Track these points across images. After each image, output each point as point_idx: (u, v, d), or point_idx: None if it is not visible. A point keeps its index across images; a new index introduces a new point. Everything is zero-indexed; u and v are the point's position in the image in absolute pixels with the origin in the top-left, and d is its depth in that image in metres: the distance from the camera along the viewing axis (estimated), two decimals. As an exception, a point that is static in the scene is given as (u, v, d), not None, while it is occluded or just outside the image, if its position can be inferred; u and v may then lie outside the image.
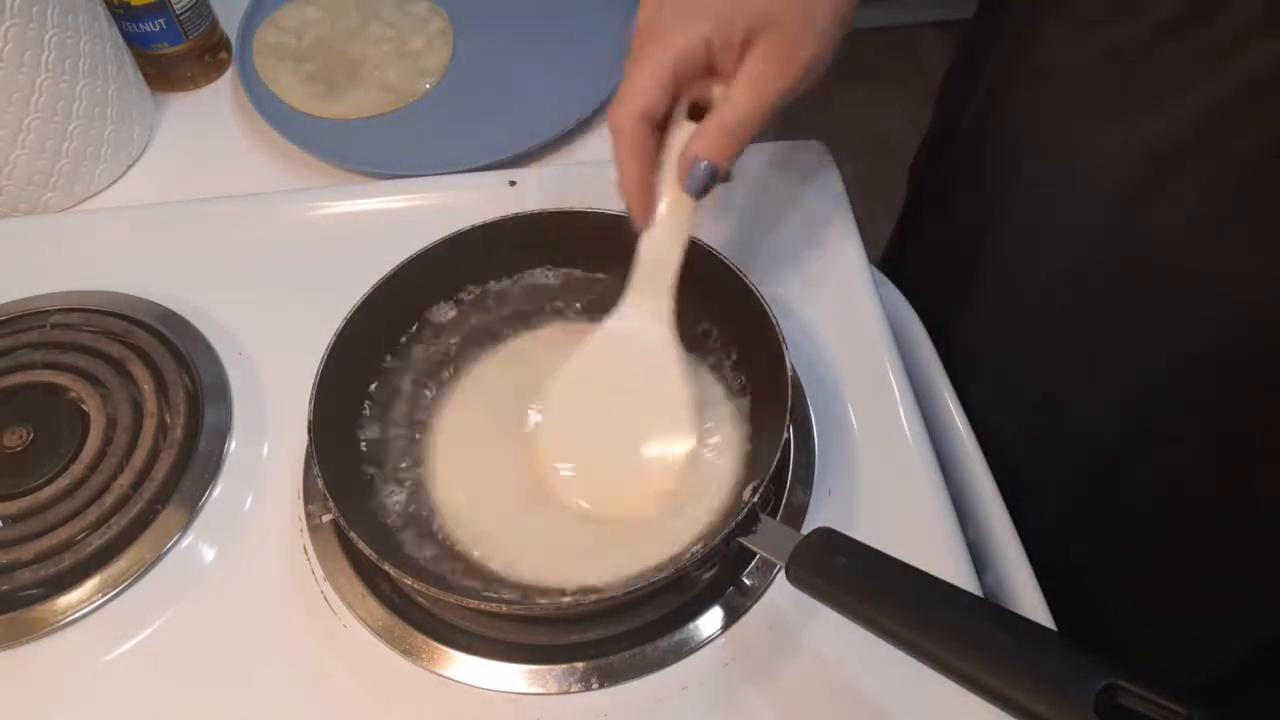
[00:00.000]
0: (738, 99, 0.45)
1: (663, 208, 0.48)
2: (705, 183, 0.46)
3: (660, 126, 0.47)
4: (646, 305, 0.50)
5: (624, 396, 0.51)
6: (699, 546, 0.46)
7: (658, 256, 0.49)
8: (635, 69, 0.46)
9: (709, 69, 0.46)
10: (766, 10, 0.44)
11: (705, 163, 0.45)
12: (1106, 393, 0.58)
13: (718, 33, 0.45)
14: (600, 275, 0.57)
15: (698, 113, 0.47)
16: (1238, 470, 0.55)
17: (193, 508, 0.51)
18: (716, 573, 0.48)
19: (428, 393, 0.54)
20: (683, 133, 0.47)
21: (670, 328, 0.50)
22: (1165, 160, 0.48)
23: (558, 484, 0.50)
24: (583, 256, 0.57)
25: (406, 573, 0.43)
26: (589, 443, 0.51)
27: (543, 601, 0.45)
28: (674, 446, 0.50)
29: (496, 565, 0.48)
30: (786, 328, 0.48)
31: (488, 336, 0.56)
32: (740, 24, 0.45)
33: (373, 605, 0.47)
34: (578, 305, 0.57)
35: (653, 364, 0.50)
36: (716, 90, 0.47)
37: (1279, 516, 0.55)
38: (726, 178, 0.48)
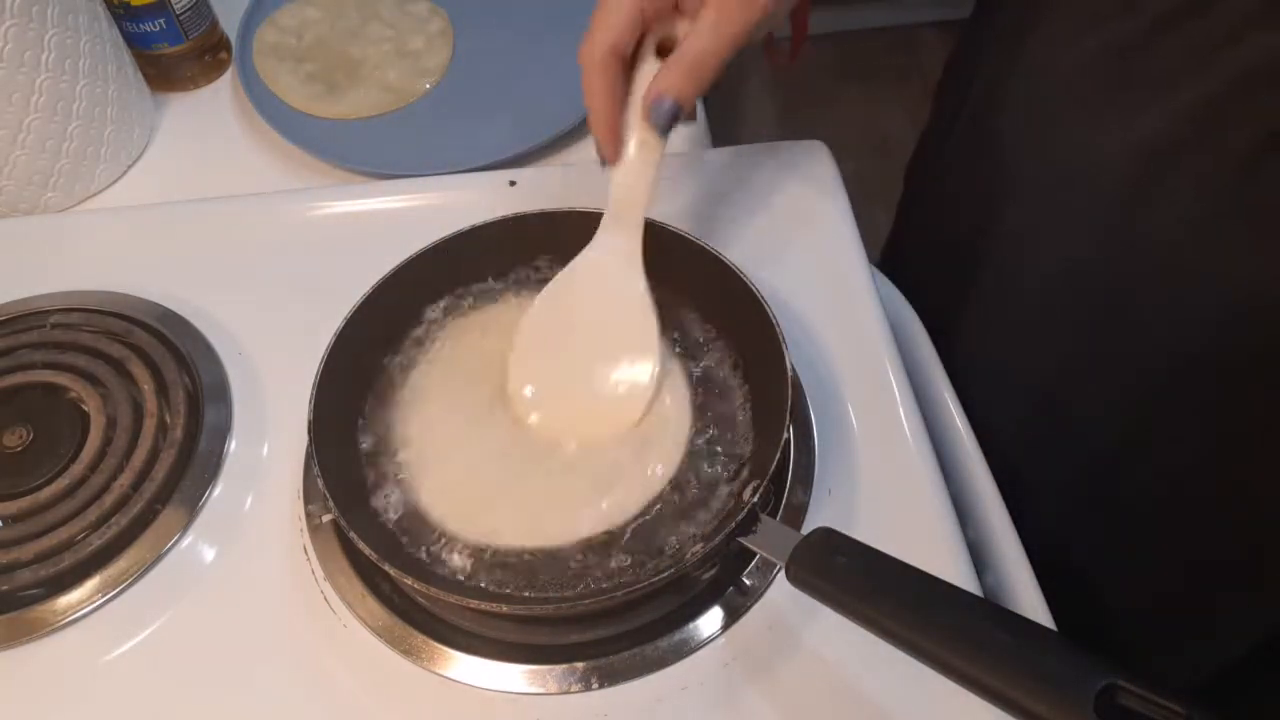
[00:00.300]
0: (701, 35, 0.46)
1: (631, 145, 0.49)
2: (669, 118, 0.47)
3: (629, 64, 0.48)
4: (616, 242, 0.51)
5: (592, 329, 0.52)
6: (699, 546, 0.46)
7: (627, 195, 0.50)
8: (605, 5, 0.47)
9: (676, 6, 0.47)
10: None
11: (670, 99, 0.46)
12: (1106, 392, 0.58)
13: None
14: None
15: (665, 52, 0.48)
16: (1238, 470, 0.54)
17: (193, 508, 0.51)
18: (716, 573, 0.48)
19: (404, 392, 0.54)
20: (650, 70, 0.48)
21: (639, 264, 0.51)
22: (1162, 157, 0.48)
23: (526, 407, 0.51)
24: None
25: (406, 573, 0.43)
26: (557, 370, 0.52)
27: (543, 601, 0.46)
28: (640, 375, 0.51)
29: (476, 534, 0.48)
30: (786, 328, 0.48)
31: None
32: None
33: (373, 605, 0.47)
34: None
35: (621, 298, 0.51)
36: (681, 27, 0.48)
37: (1279, 516, 0.55)
38: (691, 117, 0.48)
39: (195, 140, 0.73)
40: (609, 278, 0.52)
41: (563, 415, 0.52)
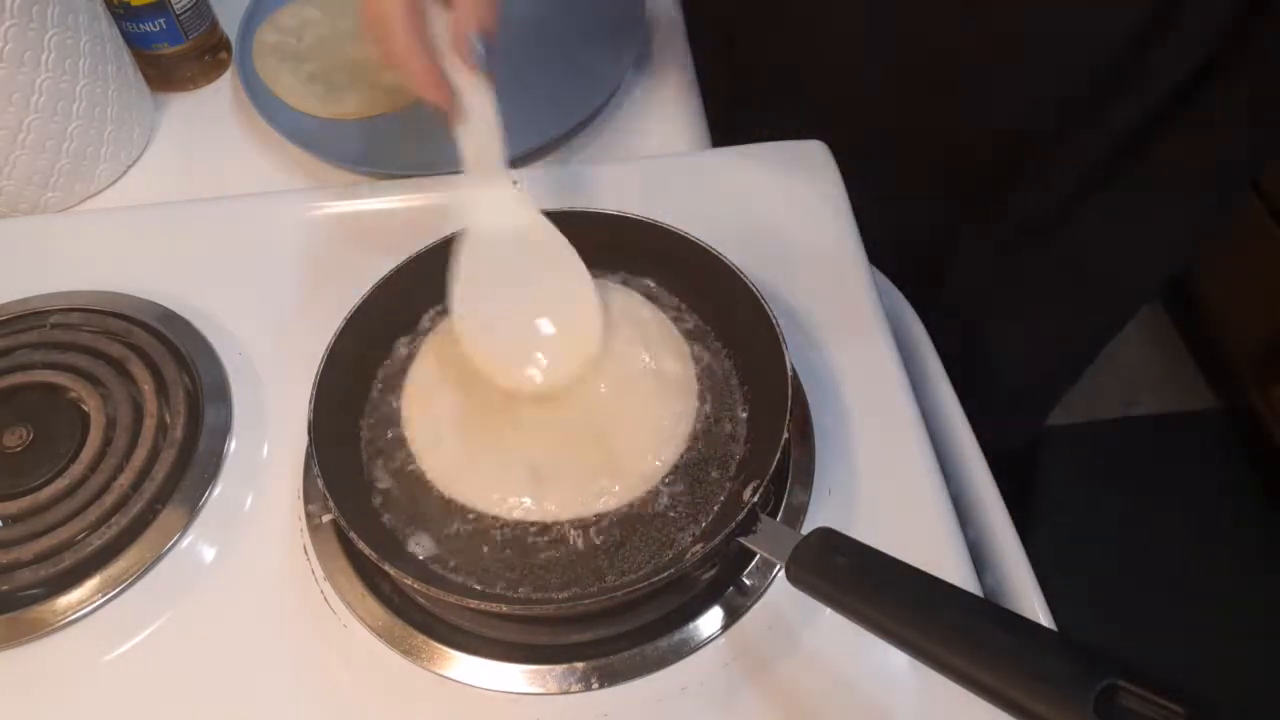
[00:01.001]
0: None
1: (465, 93, 0.49)
2: (485, 50, 0.47)
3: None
4: (492, 192, 0.52)
5: (522, 279, 0.53)
6: (699, 546, 0.46)
7: (482, 144, 0.50)
8: None
9: None
10: None
11: (478, 29, 0.47)
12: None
13: None
14: (600, 275, 0.57)
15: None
16: None
17: (193, 508, 0.51)
18: (716, 573, 0.48)
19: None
20: (442, 20, 0.48)
21: (526, 201, 0.52)
22: None
23: (494, 371, 0.52)
24: (583, 256, 0.57)
25: (406, 573, 0.43)
26: (504, 324, 0.52)
27: (542, 600, 0.46)
28: (583, 303, 0.52)
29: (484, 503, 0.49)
30: (786, 328, 0.48)
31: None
32: None
33: (373, 605, 0.47)
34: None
35: (530, 239, 0.52)
36: None
37: None
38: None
39: (195, 140, 0.73)
40: (507, 225, 0.52)
41: (523, 367, 0.52)
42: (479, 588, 0.46)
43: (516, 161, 0.68)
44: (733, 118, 0.74)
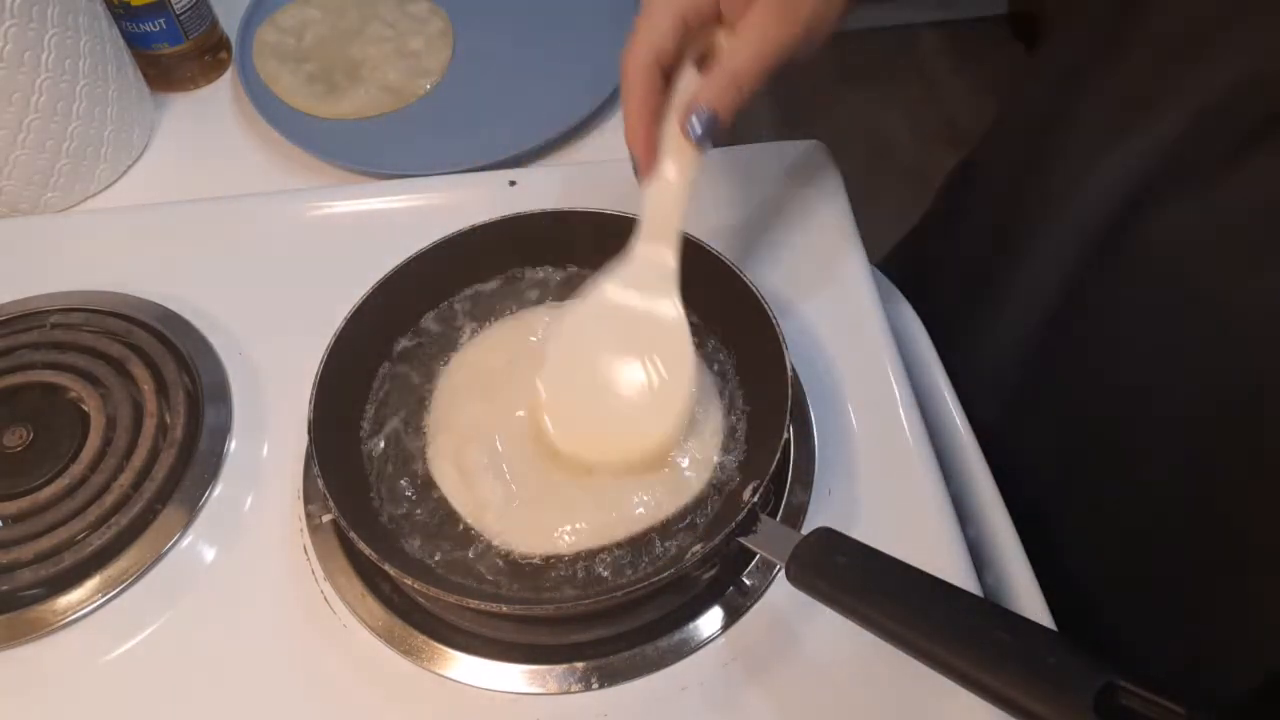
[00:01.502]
0: (740, 47, 0.45)
1: (666, 160, 0.48)
2: (706, 130, 0.46)
3: (669, 76, 0.48)
4: (651, 259, 0.50)
5: (624, 349, 0.51)
6: (699, 546, 0.46)
7: (661, 210, 0.49)
8: (646, 16, 0.46)
9: (718, 17, 0.47)
10: None
11: (707, 110, 0.45)
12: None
13: None
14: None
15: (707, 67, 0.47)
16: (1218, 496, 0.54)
17: (193, 508, 0.51)
18: (716, 573, 0.48)
19: (427, 388, 0.54)
20: (688, 83, 0.48)
21: (674, 283, 0.50)
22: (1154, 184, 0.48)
23: (556, 433, 0.50)
24: (583, 256, 0.57)
25: (406, 573, 0.43)
26: (588, 393, 0.51)
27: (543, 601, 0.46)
28: (671, 402, 0.49)
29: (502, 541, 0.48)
30: (786, 328, 0.48)
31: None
32: None
33: (373, 605, 0.47)
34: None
35: (655, 320, 0.50)
36: (722, 38, 0.47)
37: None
38: (729, 131, 0.48)
39: (195, 140, 0.73)
40: (643, 296, 0.50)
41: (591, 442, 0.50)
42: (479, 588, 0.46)
43: (517, 161, 0.68)
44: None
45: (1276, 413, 0.49)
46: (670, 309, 0.50)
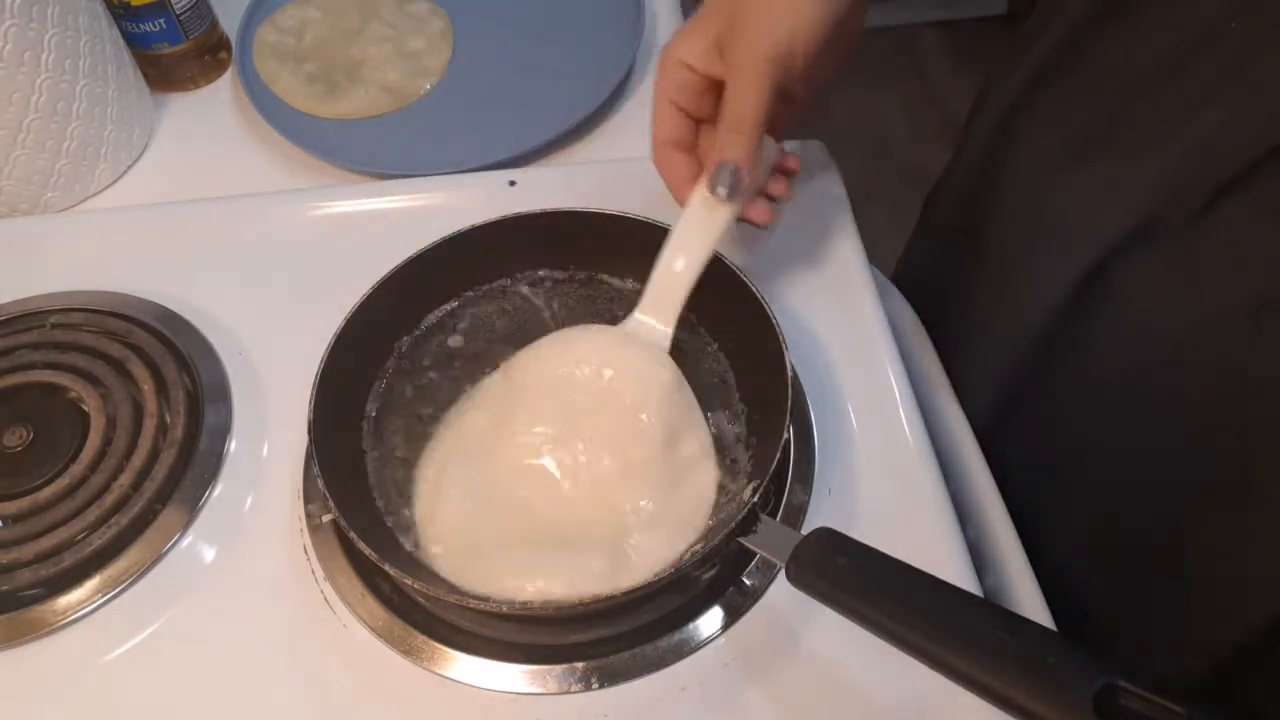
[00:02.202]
0: (729, 100, 0.47)
1: (693, 212, 0.49)
2: (729, 185, 0.47)
3: (694, 146, 0.51)
4: (647, 327, 0.51)
5: (605, 408, 0.50)
6: (699, 546, 0.46)
7: (672, 277, 0.50)
8: (654, 113, 0.50)
9: (709, 85, 0.49)
10: (735, 6, 0.47)
11: (726, 164, 0.47)
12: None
13: (700, 44, 0.48)
14: (601, 275, 0.57)
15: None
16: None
17: (193, 508, 0.51)
18: (716, 573, 0.48)
19: (426, 403, 0.54)
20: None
21: (664, 351, 0.50)
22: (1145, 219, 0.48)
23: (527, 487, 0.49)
24: (583, 257, 0.57)
25: (406, 573, 0.43)
26: (563, 448, 0.50)
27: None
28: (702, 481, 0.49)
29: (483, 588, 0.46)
30: (786, 328, 0.48)
31: (491, 337, 0.56)
32: (713, 29, 0.47)
33: (373, 605, 0.47)
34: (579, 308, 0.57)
35: (644, 386, 0.50)
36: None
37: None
38: (755, 186, 0.50)
39: (195, 140, 0.73)
40: (630, 364, 0.50)
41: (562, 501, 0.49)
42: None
43: (517, 161, 0.68)
44: None
45: (1266, 412, 0.49)
46: (664, 379, 0.50)
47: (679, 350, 0.54)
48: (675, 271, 0.50)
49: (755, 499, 0.44)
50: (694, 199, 0.49)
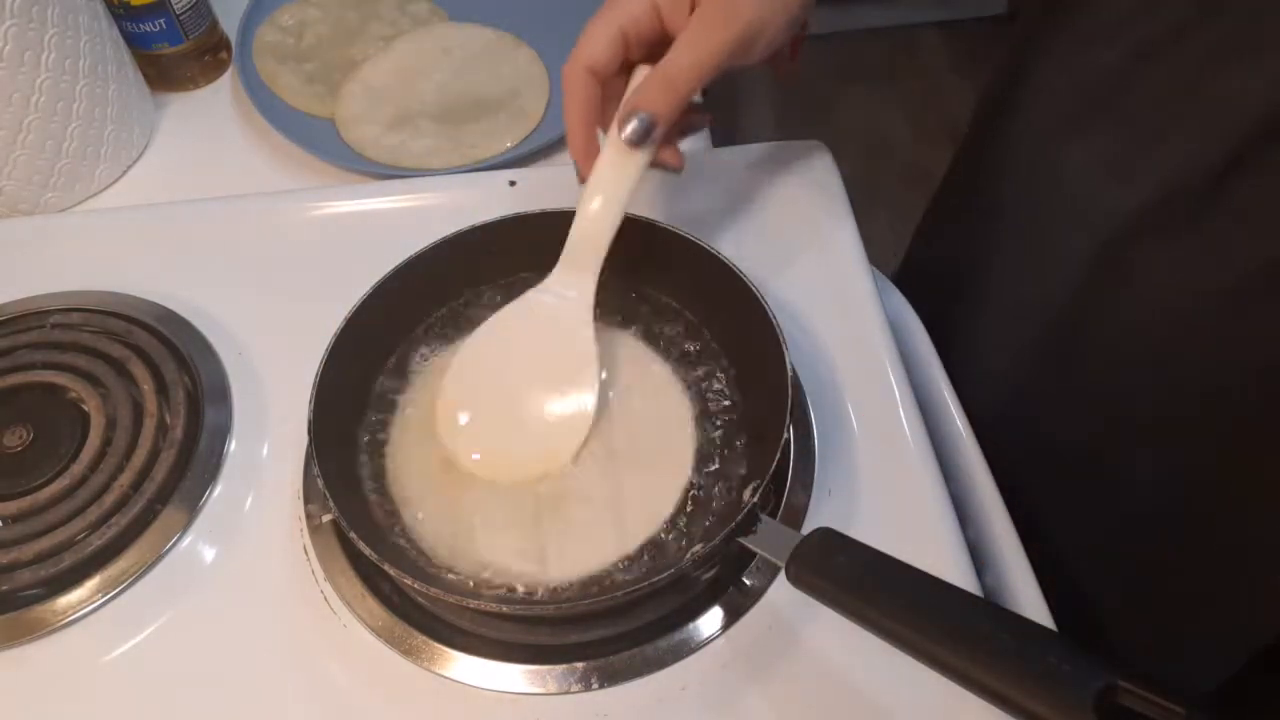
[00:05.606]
0: (677, 52, 0.46)
1: (605, 162, 0.48)
2: (639, 133, 0.46)
3: (609, 84, 0.49)
4: (568, 285, 0.51)
5: (531, 373, 0.51)
6: (699, 546, 0.46)
7: (588, 232, 0.50)
8: (589, 27, 0.48)
9: (661, 33, 0.48)
10: None
11: (641, 113, 0.46)
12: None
13: None
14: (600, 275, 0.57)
15: None
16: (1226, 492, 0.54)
17: (193, 508, 0.51)
18: (716, 573, 0.48)
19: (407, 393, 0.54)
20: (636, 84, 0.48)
21: (588, 311, 0.50)
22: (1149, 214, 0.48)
23: (457, 445, 0.50)
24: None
25: (406, 573, 0.43)
26: (490, 411, 0.51)
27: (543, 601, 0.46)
28: (577, 410, 0.50)
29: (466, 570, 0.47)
30: (786, 328, 0.48)
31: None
32: None
33: (373, 605, 0.47)
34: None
35: (564, 346, 0.51)
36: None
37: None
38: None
39: (195, 140, 0.73)
40: (555, 322, 0.51)
41: (493, 456, 0.50)
42: (479, 588, 0.46)
43: (517, 161, 0.68)
44: (733, 118, 0.74)
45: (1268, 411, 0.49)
46: (582, 339, 0.50)
47: (680, 350, 0.54)
48: (589, 215, 0.49)
49: (755, 499, 0.44)
50: (608, 142, 0.48)
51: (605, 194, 0.49)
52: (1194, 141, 0.46)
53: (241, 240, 0.63)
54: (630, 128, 0.46)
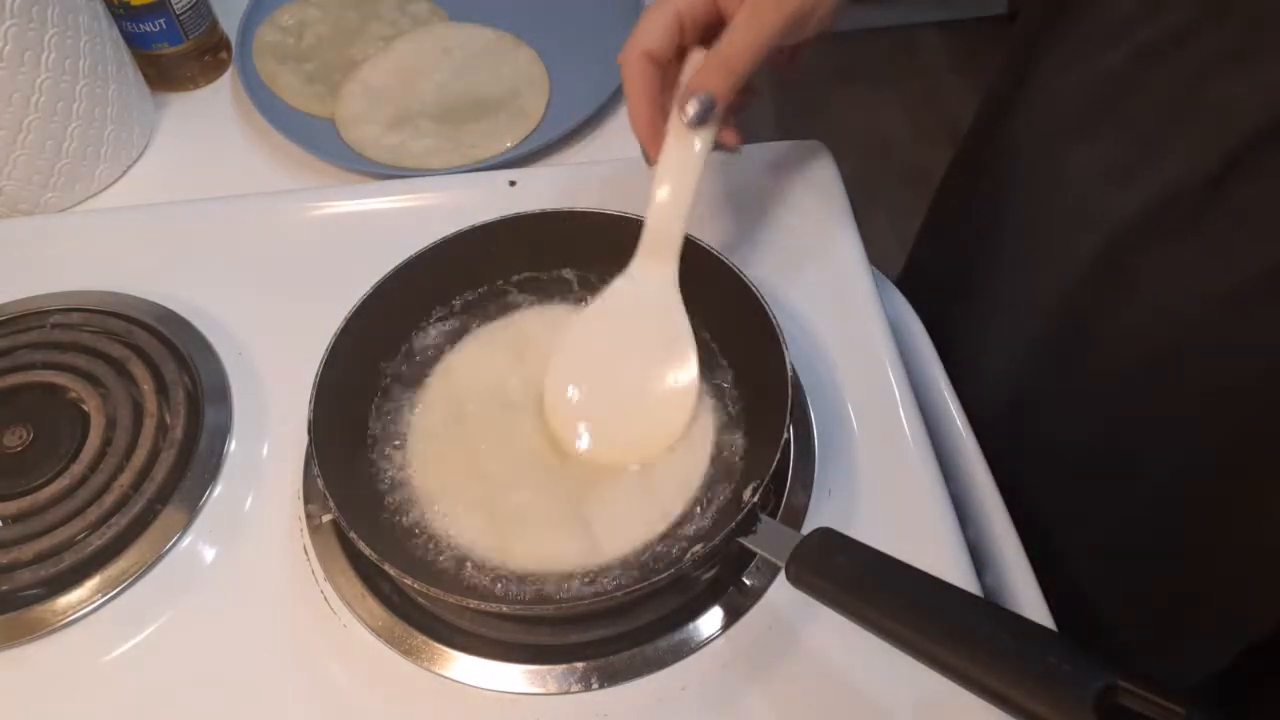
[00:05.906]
0: (733, 32, 0.47)
1: (670, 149, 0.49)
2: (700, 114, 0.47)
3: (667, 69, 0.49)
4: (651, 271, 0.52)
5: (628, 360, 0.52)
6: (699, 546, 0.46)
7: (664, 219, 0.51)
8: (647, 13, 0.49)
9: (717, 17, 0.48)
10: None
11: (701, 93, 0.47)
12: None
13: None
14: (600, 275, 0.57)
15: None
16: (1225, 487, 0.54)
17: (193, 508, 0.51)
18: (716, 573, 0.48)
19: (414, 392, 0.54)
20: (693, 66, 0.49)
21: (675, 293, 0.51)
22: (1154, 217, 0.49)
23: (567, 437, 0.51)
24: (583, 256, 0.57)
25: (406, 573, 0.43)
26: (594, 400, 0.52)
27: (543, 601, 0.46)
28: (679, 395, 0.51)
29: (490, 555, 0.48)
30: (787, 328, 0.48)
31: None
32: None
33: (373, 605, 0.47)
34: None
35: (657, 329, 0.52)
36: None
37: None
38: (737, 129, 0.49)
39: (195, 140, 0.73)
40: (644, 308, 0.52)
41: (600, 442, 0.51)
42: (479, 588, 0.46)
43: (517, 161, 0.68)
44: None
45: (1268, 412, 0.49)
46: (674, 321, 0.51)
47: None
48: (661, 203, 0.50)
49: (755, 499, 0.44)
50: (670, 129, 0.49)
51: (673, 181, 0.50)
52: (1195, 145, 0.46)
53: (241, 240, 0.63)
54: (692, 109, 0.47)
